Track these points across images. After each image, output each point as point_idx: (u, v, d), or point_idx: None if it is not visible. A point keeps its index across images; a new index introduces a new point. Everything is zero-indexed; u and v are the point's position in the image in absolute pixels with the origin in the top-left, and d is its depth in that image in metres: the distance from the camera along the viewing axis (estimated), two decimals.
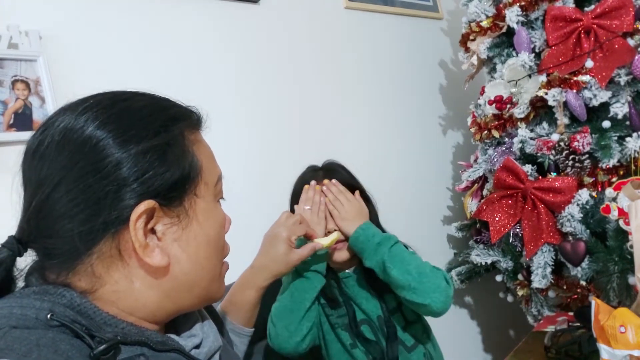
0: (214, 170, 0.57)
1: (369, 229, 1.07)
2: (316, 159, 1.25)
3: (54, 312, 0.44)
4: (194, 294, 0.55)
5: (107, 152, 0.47)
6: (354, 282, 1.13)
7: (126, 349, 0.46)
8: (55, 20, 1.08)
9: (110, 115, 0.50)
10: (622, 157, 1.33)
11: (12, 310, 0.44)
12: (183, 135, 0.53)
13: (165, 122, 0.52)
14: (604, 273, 1.29)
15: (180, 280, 0.52)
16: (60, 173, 0.47)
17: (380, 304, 1.11)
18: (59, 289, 0.47)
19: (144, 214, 0.48)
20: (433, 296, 0.97)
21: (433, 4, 2.10)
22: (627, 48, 1.33)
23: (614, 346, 0.82)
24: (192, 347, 0.56)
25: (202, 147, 0.56)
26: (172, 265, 0.51)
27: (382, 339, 1.08)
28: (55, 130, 0.49)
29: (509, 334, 2.05)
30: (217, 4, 1.38)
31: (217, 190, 0.57)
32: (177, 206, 0.51)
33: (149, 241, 0.49)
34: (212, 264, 0.56)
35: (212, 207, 0.56)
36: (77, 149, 0.48)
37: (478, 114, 1.67)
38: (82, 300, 0.47)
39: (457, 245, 1.92)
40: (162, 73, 1.23)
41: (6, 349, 0.39)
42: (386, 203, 1.25)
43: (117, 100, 0.52)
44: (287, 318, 0.99)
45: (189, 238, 0.52)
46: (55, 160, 0.48)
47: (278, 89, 1.49)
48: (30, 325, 0.43)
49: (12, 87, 0.99)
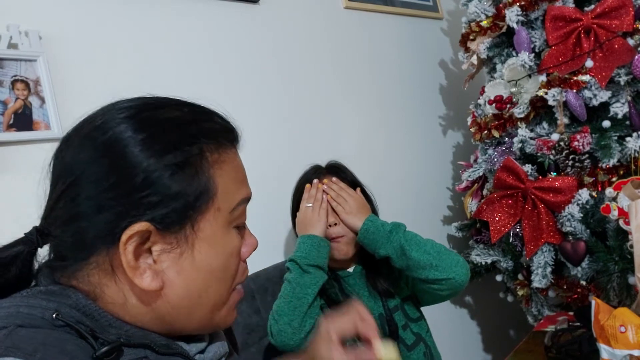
0: (235, 194, 0.52)
1: (376, 219, 1.09)
2: (316, 158, 1.25)
3: (59, 312, 0.44)
4: (194, 320, 0.52)
5: (127, 160, 0.46)
6: (354, 281, 1.14)
7: (129, 352, 0.46)
8: (55, 20, 1.08)
9: (144, 120, 0.48)
10: (622, 157, 1.33)
11: (19, 309, 0.44)
12: (203, 155, 0.49)
13: (188, 138, 0.48)
14: (604, 273, 1.29)
15: (175, 305, 0.49)
16: (81, 167, 0.47)
17: (382, 302, 1.12)
18: (66, 290, 0.46)
19: (135, 236, 0.45)
20: (455, 270, 1.01)
21: (433, 4, 2.10)
22: (627, 48, 1.34)
23: (614, 346, 0.82)
24: (197, 352, 0.55)
25: (227, 168, 0.51)
26: (166, 290, 0.48)
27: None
28: (91, 123, 0.49)
29: (509, 334, 2.05)
30: (217, 4, 1.38)
31: (235, 216, 0.52)
32: (176, 231, 0.47)
33: (141, 262, 0.47)
34: (213, 292, 0.51)
35: (222, 235, 0.51)
36: (102, 147, 0.47)
37: (478, 113, 1.67)
38: (88, 302, 0.46)
39: (457, 245, 1.92)
40: (161, 73, 1.23)
41: (13, 347, 0.39)
42: (386, 203, 1.25)
43: (156, 105, 0.51)
44: (290, 314, 0.99)
45: (186, 265, 0.48)
46: (82, 151, 0.48)
47: (278, 89, 1.49)
48: (36, 325, 0.43)
49: (12, 87, 0.99)
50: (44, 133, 1.01)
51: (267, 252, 1.33)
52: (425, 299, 1.15)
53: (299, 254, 1.06)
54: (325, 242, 1.08)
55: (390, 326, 1.09)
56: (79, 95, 1.09)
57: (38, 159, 1.08)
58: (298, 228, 1.14)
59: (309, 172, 1.20)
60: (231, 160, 0.52)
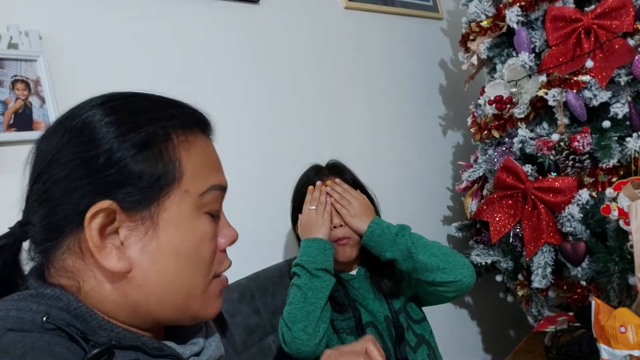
0: (205, 179, 0.52)
1: (381, 222, 1.08)
2: (316, 158, 1.25)
3: (50, 315, 0.44)
4: (168, 308, 0.51)
5: (93, 142, 0.47)
6: (359, 284, 1.13)
7: (120, 354, 0.46)
8: (55, 20, 1.08)
9: (113, 107, 0.50)
10: (622, 157, 1.33)
11: (9, 313, 0.44)
12: (168, 137, 0.49)
13: (154, 119, 0.49)
14: (604, 273, 1.29)
15: (146, 291, 0.49)
16: (52, 152, 0.48)
17: (388, 304, 1.11)
18: (56, 292, 0.46)
19: (99, 214, 0.46)
20: (462, 272, 1.01)
21: (433, 4, 2.10)
22: (627, 48, 1.34)
23: (614, 346, 0.82)
24: (191, 354, 0.54)
25: (195, 152, 0.51)
26: (134, 272, 0.48)
27: (387, 341, 1.08)
28: (64, 114, 0.51)
29: (509, 334, 2.05)
30: (216, 4, 1.38)
31: (205, 202, 0.52)
32: (140, 211, 0.47)
33: (107, 243, 0.47)
34: (185, 279, 0.50)
35: (190, 218, 0.50)
36: (72, 131, 0.48)
37: (478, 114, 1.67)
38: (79, 304, 0.47)
39: (457, 245, 1.92)
40: (161, 73, 1.23)
41: (1, 351, 0.39)
42: (386, 203, 1.25)
43: (126, 95, 0.52)
44: (304, 320, 0.98)
45: (152, 246, 0.48)
46: (54, 138, 0.49)
47: (278, 89, 1.49)
48: (26, 328, 0.42)
49: (12, 87, 0.99)
50: None
51: (267, 252, 1.33)
52: (429, 300, 1.14)
53: (305, 258, 1.04)
54: (330, 245, 1.08)
55: (397, 328, 1.09)
56: (79, 95, 1.08)
57: None
58: (301, 231, 1.13)
59: (309, 173, 1.19)
60: (201, 146, 0.53)
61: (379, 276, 1.13)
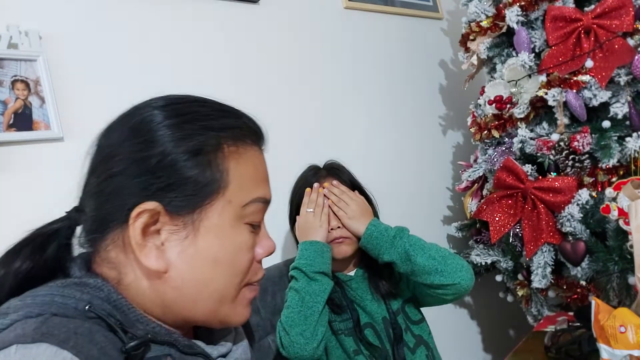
0: (250, 191, 0.53)
1: (379, 224, 1.08)
2: (315, 159, 1.25)
3: (92, 304, 0.46)
4: (199, 310, 0.52)
5: (150, 143, 0.49)
6: (357, 284, 1.13)
7: (155, 348, 0.48)
8: (55, 20, 1.08)
9: (173, 110, 0.51)
10: (622, 157, 1.33)
11: (54, 298, 0.46)
12: (219, 147, 0.51)
13: (209, 127, 0.51)
14: (604, 273, 1.29)
15: (180, 292, 0.51)
16: (112, 147, 0.51)
17: (386, 305, 1.11)
18: (98, 283, 0.49)
19: (144, 214, 0.48)
20: (460, 274, 1.01)
21: (433, 4, 2.10)
22: (627, 48, 1.34)
23: (614, 346, 0.82)
24: (219, 355, 0.56)
25: (244, 164, 0.53)
26: (170, 273, 0.50)
27: (385, 342, 1.08)
28: (126, 112, 0.54)
29: (509, 334, 2.05)
30: (216, 4, 1.38)
31: (247, 213, 0.53)
32: (184, 215, 0.49)
33: (148, 242, 0.49)
34: (219, 284, 0.52)
35: (230, 227, 0.52)
36: (132, 129, 0.51)
37: (478, 114, 1.67)
38: (119, 296, 0.49)
39: (457, 245, 1.92)
40: (161, 73, 1.24)
41: (47, 333, 0.41)
42: (386, 203, 1.25)
43: (187, 100, 0.54)
44: (302, 324, 0.97)
45: (191, 251, 0.50)
46: (113, 134, 0.52)
47: (277, 89, 1.49)
48: (70, 314, 0.45)
49: (12, 87, 0.99)
50: (44, 133, 1.01)
51: None
52: (428, 301, 1.14)
53: (303, 261, 1.04)
54: (328, 247, 1.07)
55: (395, 329, 1.09)
56: (79, 95, 1.09)
57: (38, 159, 1.09)
58: (299, 233, 1.12)
59: (307, 174, 1.19)
60: (250, 158, 0.54)
61: (377, 277, 1.12)
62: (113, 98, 1.13)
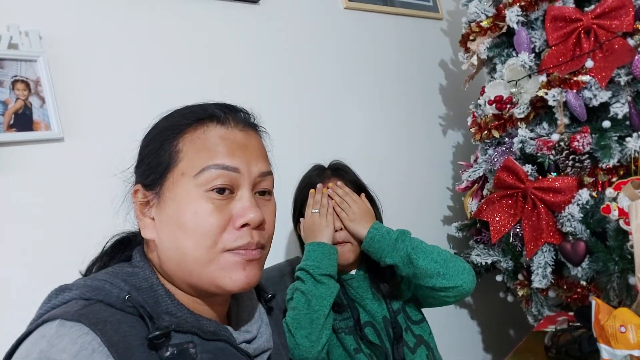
0: (199, 161, 0.60)
1: (381, 227, 1.08)
2: (315, 159, 1.25)
3: (131, 295, 0.56)
4: (185, 272, 0.60)
5: (144, 141, 0.67)
6: (358, 284, 1.13)
7: (178, 336, 0.56)
8: (55, 20, 1.08)
9: (165, 115, 0.67)
10: (622, 157, 1.33)
11: (104, 285, 0.56)
12: (180, 130, 0.62)
13: (174, 125, 0.63)
14: (604, 273, 1.29)
15: (167, 255, 0.61)
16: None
17: (386, 305, 1.11)
18: (147, 274, 0.61)
19: (137, 193, 0.63)
20: (462, 277, 1.01)
21: (433, 4, 2.10)
22: (627, 48, 1.34)
23: (614, 346, 0.82)
24: (243, 340, 0.64)
25: (198, 140, 0.61)
26: (158, 240, 0.61)
27: (385, 341, 1.08)
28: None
29: (509, 334, 2.05)
30: (217, 4, 1.38)
31: (201, 181, 0.60)
32: (155, 188, 0.62)
33: (145, 217, 0.62)
34: (187, 247, 0.59)
35: (187, 195, 0.59)
36: (147, 133, 0.68)
37: (478, 114, 1.67)
38: (159, 287, 0.60)
39: (457, 245, 1.92)
40: (161, 73, 1.23)
41: (84, 314, 0.51)
42: (386, 203, 1.25)
43: (180, 107, 0.68)
44: (308, 327, 0.97)
45: (163, 218, 0.61)
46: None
47: (277, 89, 1.49)
48: (111, 302, 0.55)
49: (12, 87, 0.99)
50: (44, 133, 1.01)
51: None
52: (429, 302, 1.13)
53: (310, 262, 1.04)
54: (334, 249, 1.07)
55: (395, 329, 1.09)
56: (79, 95, 1.09)
57: (38, 159, 1.08)
58: (305, 234, 1.12)
59: (311, 174, 1.18)
60: (206, 135, 0.62)
61: (378, 279, 1.12)
62: (113, 98, 1.14)
